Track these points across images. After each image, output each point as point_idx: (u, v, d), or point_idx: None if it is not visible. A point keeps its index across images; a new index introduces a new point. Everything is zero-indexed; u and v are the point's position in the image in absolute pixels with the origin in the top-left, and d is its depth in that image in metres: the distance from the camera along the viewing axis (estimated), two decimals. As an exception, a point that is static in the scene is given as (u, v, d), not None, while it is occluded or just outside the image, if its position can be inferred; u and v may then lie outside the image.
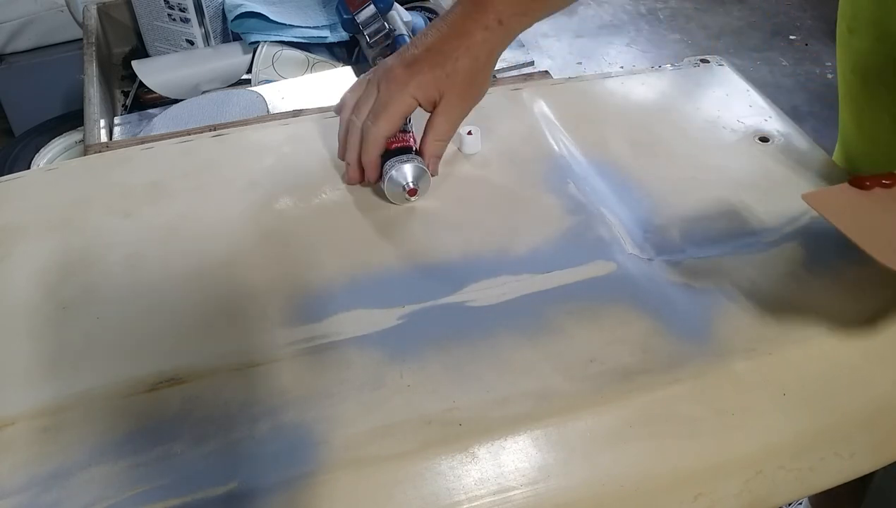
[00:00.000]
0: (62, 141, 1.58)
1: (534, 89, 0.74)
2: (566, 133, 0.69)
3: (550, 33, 2.57)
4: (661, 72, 0.77)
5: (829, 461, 0.47)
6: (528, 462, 0.44)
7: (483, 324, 0.51)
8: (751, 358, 0.49)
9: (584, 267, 0.56)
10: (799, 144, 0.67)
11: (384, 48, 0.92)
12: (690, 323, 0.51)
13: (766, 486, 0.46)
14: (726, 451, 0.46)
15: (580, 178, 0.64)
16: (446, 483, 0.43)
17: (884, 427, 0.49)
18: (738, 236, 0.58)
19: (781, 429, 0.47)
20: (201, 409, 0.46)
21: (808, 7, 2.70)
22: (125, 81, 1.10)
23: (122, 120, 0.94)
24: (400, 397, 0.47)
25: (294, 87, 0.94)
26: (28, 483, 0.43)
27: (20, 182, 0.65)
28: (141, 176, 0.65)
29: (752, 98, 0.73)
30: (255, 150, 0.68)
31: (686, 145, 0.68)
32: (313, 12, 1.04)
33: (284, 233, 0.59)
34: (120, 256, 0.57)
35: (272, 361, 0.49)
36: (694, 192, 0.62)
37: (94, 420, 0.46)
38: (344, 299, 0.53)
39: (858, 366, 0.50)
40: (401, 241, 0.59)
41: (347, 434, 0.45)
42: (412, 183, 0.60)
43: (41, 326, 0.52)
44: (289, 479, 0.43)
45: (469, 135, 0.67)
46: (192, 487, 0.42)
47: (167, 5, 1.04)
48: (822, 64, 2.40)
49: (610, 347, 0.50)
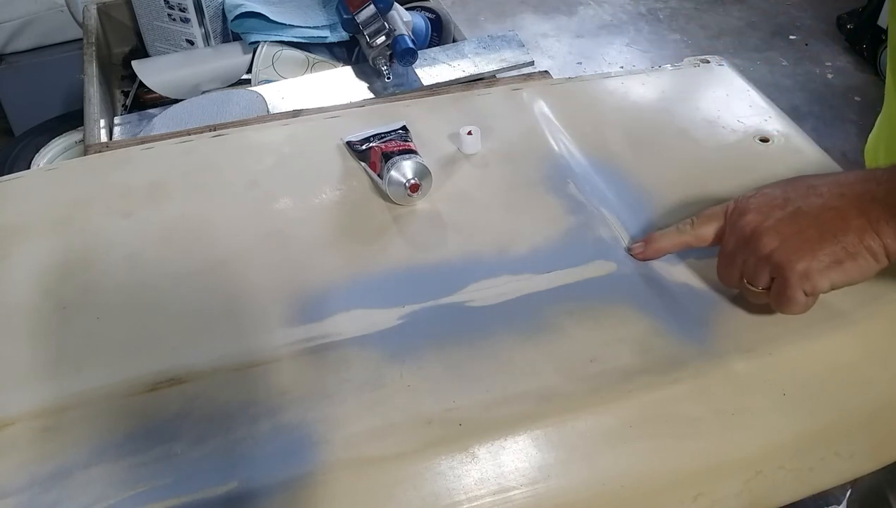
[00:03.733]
0: (62, 141, 1.58)
1: (534, 89, 0.74)
2: (566, 133, 0.69)
3: (550, 33, 2.57)
4: (661, 72, 0.77)
5: (829, 461, 0.47)
6: (528, 462, 0.44)
7: (483, 324, 0.51)
8: (751, 358, 0.49)
9: (584, 267, 0.56)
10: (799, 144, 0.67)
11: (384, 48, 0.92)
12: (690, 323, 0.51)
13: (766, 486, 0.46)
14: (726, 451, 0.46)
15: (580, 178, 0.64)
16: (446, 483, 0.43)
17: (884, 428, 0.49)
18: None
19: (781, 429, 0.47)
20: (201, 409, 0.46)
21: (808, 7, 2.70)
22: (125, 81, 1.10)
23: (122, 120, 0.94)
24: (400, 397, 0.47)
25: (294, 87, 0.94)
26: (28, 483, 0.43)
27: (20, 182, 0.65)
28: (141, 176, 0.65)
29: (752, 98, 0.73)
30: (255, 150, 0.68)
31: (686, 145, 0.68)
32: (313, 12, 1.04)
33: (284, 233, 0.59)
34: (120, 256, 0.57)
35: (272, 361, 0.49)
36: (694, 192, 0.62)
37: (94, 420, 0.46)
38: (344, 299, 0.53)
39: (858, 366, 0.50)
40: (401, 241, 0.59)
41: (347, 434, 0.45)
42: (413, 178, 0.60)
43: (41, 326, 0.52)
44: (289, 479, 0.43)
45: (469, 136, 0.67)
46: (192, 487, 0.42)
47: (167, 5, 1.04)
48: (822, 64, 2.40)
49: (610, 347, 0.50)
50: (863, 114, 2.14)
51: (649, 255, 0.56)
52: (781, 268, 0.47)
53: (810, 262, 0.46)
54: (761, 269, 0.48)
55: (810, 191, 0.48)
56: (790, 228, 0.47)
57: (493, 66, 0.98)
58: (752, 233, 0.48)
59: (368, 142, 0.66)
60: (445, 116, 0.71)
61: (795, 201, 0.48)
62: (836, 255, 0.46)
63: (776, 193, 0.50)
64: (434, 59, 0.98)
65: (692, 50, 2.48)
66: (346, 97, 0.92)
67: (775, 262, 0.47)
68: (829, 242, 0.46)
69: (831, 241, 0.46)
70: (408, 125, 0.68)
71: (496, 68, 0.98)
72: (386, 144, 0.64)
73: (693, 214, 0.54)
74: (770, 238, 0.47)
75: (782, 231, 0.47)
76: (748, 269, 0.49)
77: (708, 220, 0.53)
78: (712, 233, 0.53)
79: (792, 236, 0.47)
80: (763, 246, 0.48)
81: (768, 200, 0.49)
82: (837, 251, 0.46)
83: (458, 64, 0.98)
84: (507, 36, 1.02)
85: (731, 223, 0.51)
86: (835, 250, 0.46)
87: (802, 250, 0.46)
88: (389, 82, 0.94)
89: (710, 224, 0.53)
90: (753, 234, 0.48)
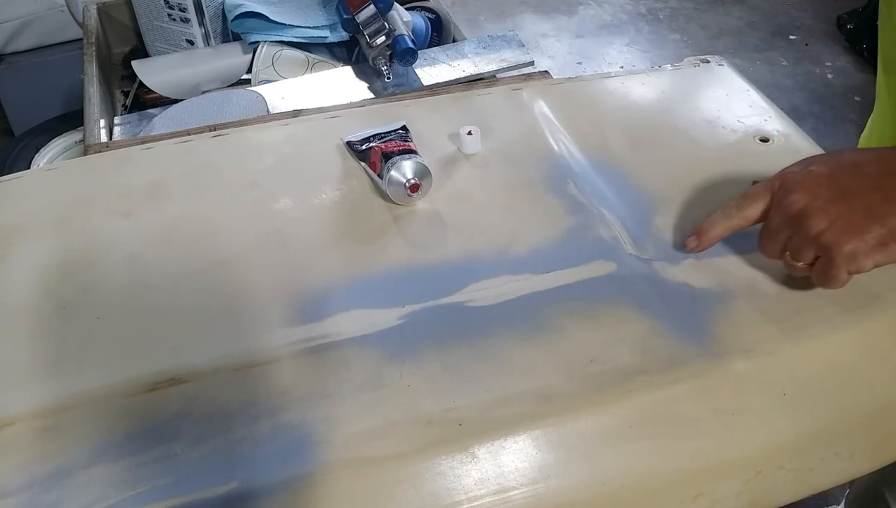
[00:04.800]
0: (62, 141, 1.58)
1: (534, 89, 0.74)
2: (566, 133, 0.69)
3: (550, 33, 2.57)
4: (661, 72, 0.77)
5: (829, 461, 0.47)
6: (528, 462, 0.44)
7: (483, 324, 0.51)
8: (751, 358, 0.49)
9: (584, 267, 0.56)
10: (799, 144, 0.67)
11: (384, 48, 0.92)
12: (690, 323, 0.51)
13: (766, 486, 0.46)
14: (726, 451, 0.46)
15: (580, 178, 0.64)
16: (446, 483, 0.43)
17: (884, 428, 0.49)
18: (738, 236, 0.58)
19: (781, 429, 0.47)
20: (201, 409, 0.46)
21: (808, 7, 2.70)
22: (125, 81, 1.10)
23: (122, 120, 0.94)
24: (400, 397, 0.47)
25: (294, 87, 0.94)
26: (28, 483, 0.43)
27: (20, 182, 0.65)
28: (141, 176, 0.65)
29: (752, 98, 0.73)
30: (255, 150, 0.68)
31: (686, 145, 0.68)
32: (313, 12, 1.04)
33: (284, 233, 0.59)
34: (120, 256, 0.57)
35: (272, 361, 0.49)
36: (694, 192, 0.62)
37: (94, 420, 0.46)
38: (344, 299, 0.53)
39: (858, 366, 0.50)
40: (401, 241, 0.59)
41: (347, 434, 0.45)
42: (413, 178, 0.60)
43: (41, 326, 0.52)
44: (289, 479, 0.43)
45: (469, 136, 0.67)
46: (192, 487, 0.42)
47: (167, 5, 1.04)
48: (821, 64, 2.40)
49: (610, 347, 0.50)
50: (863, 114, 2.13)
51: (704, 246, 0.56)
52: (829, 249, 0.48)
53: (857, 244, 0.47)
54: (807, 248, 0.49)
55: (856, 170, 0.49)
56: (837, 209, 0.48)
57: (493, 66, 0.98)
58: (799, 213, 0.49)
59: (368, 142, 0.66)
60: (445, 116, 0.71)
61: (841, 180, 0.49)
62: (882, 238, 0.47)
63: (822, 170, 0.50)
64: (434, 59, 0.98)
65: (692, 50, 2.48)
66: (346, 97, 0.92)
67: (823, 243, 0.48)
68: (876, 224, 0.47)
69: (878, 223, 0.47)
70: (408, 125, 0.68)
71: (496, 68, 0.98)
72: (386, 144, 0.64)
73: (693, 214, 0.54)
74: (818, 219, 0.48)
75: (830, 212, 0.48)
76: (793, 247, 0.50)
77: (753, 200, 0.53)
78: (759, 212, 0.53)
79: (839, 218, 0.48)
80: (811, 226, 0.49)
81: (814, 178, 0.50)
82: (884, 233, 0.47)
83: (458, 64, 0.98)
84: (507, 36, 1.02)
85: (778, 200, 0.51)
86: (881, 232, 0.47)
87: (849, 232, 0.47)
88: (389, 82, 0.94)
89: (756, 203, 0.53)
90: (801, 214, 0.49)
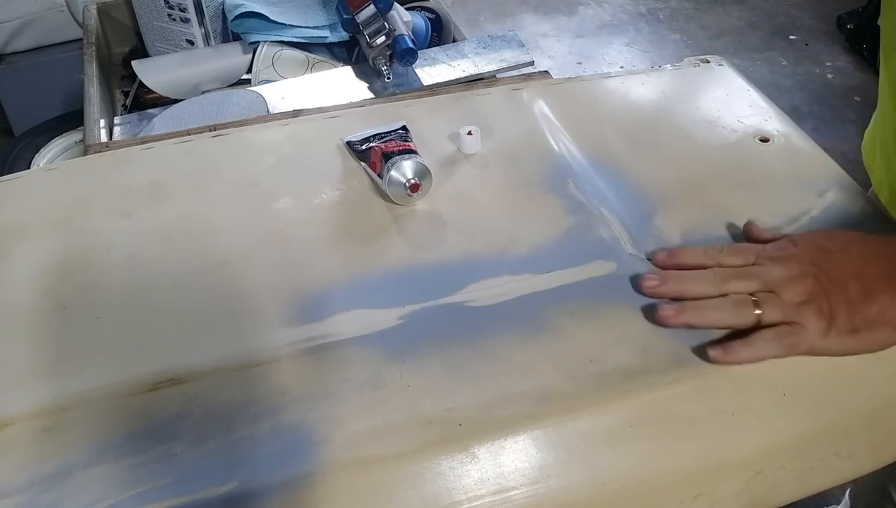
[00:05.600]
0: (62, 141, 1.58)
1: (534, 89, 0.74)
2: (566, 133, 0.69)
3: (550, 33, 2.57)
4: (661, 72, 0.77)
5: (828, 461, 0.47)
6: (528, 462, 0.44)
7: (483, 324, 0.51)
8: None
9: (584, 267, 0.56)
10: (799, 144, 0.67)
11: (384, 48, 0.92)
12: (690, 323, 0.51)
13: (766, 486, 0.46)
14: (726, 451, 0.46)
15: (580, 178, 0.64)
16: (446, 483, 0.43)
17: (884, 428, 0.49)
18: (738, 236, 0.58)
19: (781, 429, 0.47)
20: (201, 409, 0.46)
21: (808, 7, 2.70)
22: (125, 81, 1.10)
23: (122, 120, 0.94)
24: (400, 397, 0.47)
25: (294, 87, 0.94)
26: (28, 483, 0.43)
27: (20, 182, 0.65)
28: (141, 176, 0.65)
29: (752, 98, 0.73)
30: (255, 150, 0.68)
31: (686, 145, 0.68)
32: (313, 12, 1.04)
33: (284, 233, 0.59)
34: (120, 256, 0.57)
35: (272, 361, 0.49)
36: (694, 192, 0.62)
37: (94, 420, 0.46)
38: (344, 299, 0.53)
39: (858, 366, 0.50)
40: (401, 241, 0.59)
41: (347, 434, 0.45)
42: (413, 178, 0.60)
43: (41, 326, 0.52)
44: (289, 479, 0.43)
45: (469, 136, 0.67)
46: (192, 487, 0.42)
47: (167, 5, 1.04)
48: (822, 64, 2.40)
49: (610, 347, 0.50)
50: (863, 114, 2.14)
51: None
52: (799, 321, 0.48)
53: (828, 325, 0.48)
54: (778, 310, 0.49)
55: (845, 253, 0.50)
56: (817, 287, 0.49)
57: (493, 66, 0.98)
58: (780, 282, 0.49)
59: (368, 142, 0.66)
60: (445, 116, 0.71)
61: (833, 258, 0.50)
62: (854, 324, 0.47)
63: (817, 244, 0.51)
64: (434, 59, 0.98)
65: (692, 50, 2.48)
66: (346, 97, 0.92)
67: (796, 316, 0.48)
68: (852, 310, 0.47)
69: (854, 309, 0.47)
70: (408, 125, 0.68)
71: (496, 68, 0.98)
72: (386, 144, 0.64)
73: (693, 214, 0.54)
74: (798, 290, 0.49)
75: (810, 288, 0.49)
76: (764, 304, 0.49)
77: (738, 253, 0.53)
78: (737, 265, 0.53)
79: (818, 294, 0.48)
80: (791, 296, 0.49)
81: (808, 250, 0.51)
82: (857, 320, 0.47)
83: (458, 64, 0.98)
84: (507, 36, 1.02)
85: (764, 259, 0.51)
86: (853, 320, 0.47)
87: (822, 313, 0.48)
88: (389, 82, 0.94)
89: (738, 257, 0.53)
90: (783, 282, 0.49)
